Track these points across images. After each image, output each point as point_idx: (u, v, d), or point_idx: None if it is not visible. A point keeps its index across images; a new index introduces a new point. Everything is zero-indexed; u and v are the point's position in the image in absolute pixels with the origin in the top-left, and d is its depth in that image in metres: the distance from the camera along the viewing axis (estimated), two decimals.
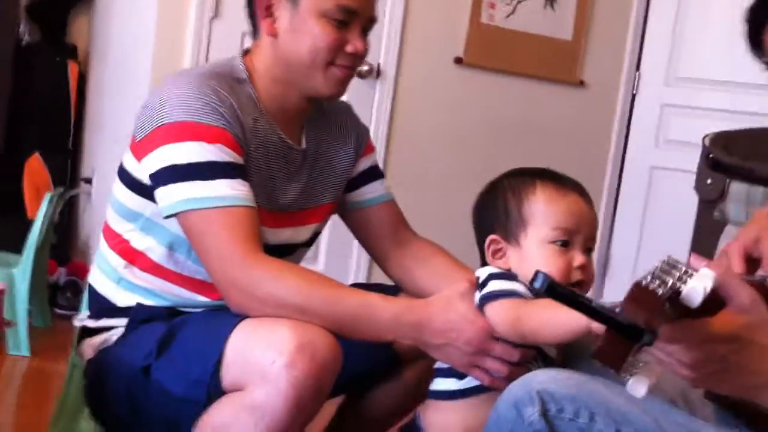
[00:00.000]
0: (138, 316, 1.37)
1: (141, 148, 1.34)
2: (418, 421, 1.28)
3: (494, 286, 1.23)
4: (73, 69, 3.38)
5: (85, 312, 1.46)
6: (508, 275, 1.25)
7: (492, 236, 1.28)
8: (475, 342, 1.21)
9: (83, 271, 3.07)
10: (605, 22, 3.56)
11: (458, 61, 3.35)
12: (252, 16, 1.43)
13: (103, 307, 1.43)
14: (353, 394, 1.53)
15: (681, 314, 0.82)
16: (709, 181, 2.41)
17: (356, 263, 3.24)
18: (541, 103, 3.52)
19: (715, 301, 0.86)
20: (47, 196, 2.63)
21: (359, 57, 1.39)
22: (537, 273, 0.81)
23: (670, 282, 0.80)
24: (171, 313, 1.37)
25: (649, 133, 3.61)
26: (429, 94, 3.33)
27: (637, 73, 3.64)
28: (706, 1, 3.47)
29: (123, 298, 1.41)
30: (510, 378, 1.18)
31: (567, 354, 1.27)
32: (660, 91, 3.60)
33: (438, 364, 1.28)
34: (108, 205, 1.44)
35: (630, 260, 3.52)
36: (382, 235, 1.56)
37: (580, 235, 1.26)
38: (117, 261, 1.41)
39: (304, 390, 1.16)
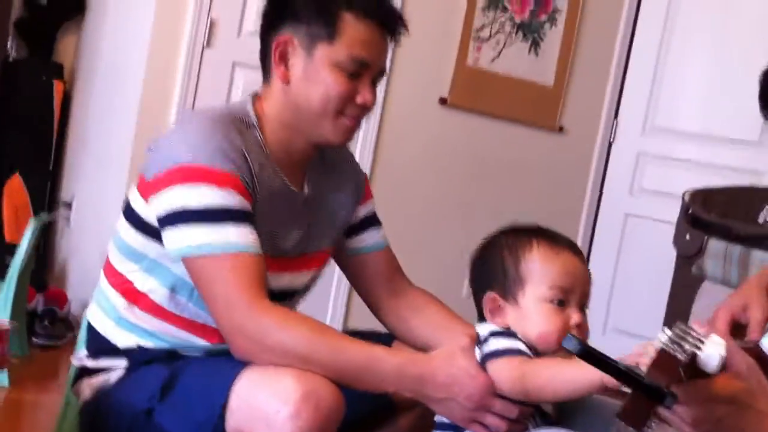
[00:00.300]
0: (138, 358, 1.37)
1: (150, 187, 1.34)
2: None
3: (497, 343, 1.26)
4: (58, 88, 3.33)
5: (82, 350, 1.45)
6: (508, 333, 1.28)
7: (490, 294, 1.30)
8: (476, 397, 1.23)
9: (62, 299, 3.00)
10: (586, 70, 3.66)
11: (443, 101, 3.40)
12: (265, 61, 1.45)
13: (101, 346, 1.42)
14: None
15: (691, 377, 0.89)
16: (687, 236, 2.46)
17: (333, 307, 3.25)
18: (521, 146, 3.58)
19: None
20: (31, 222, 2.56)
21: (367, 108, 1.43)
22: (568, 336, 0.92)
23: (687, 348, 0.88)
24: (170, 356, 1.38)
25: (624, 180, 3.69)
26: (413, 132, 3.38)
27: (615, 122, 3.73)
28: (685, 56, 3.59)
29: (122, 338, 1.41)
30: None
31: (562, 410, 1.30)
32: (636, 140, 3.69)
33: (438, 418, 1.30)
34: (110, 243, 1.44)
35: (602, 305, 3.57)
36: (378, 282, 1.58)
37: (575, 293, 1.29)
38: (118, 301, 1.41)
39: None
